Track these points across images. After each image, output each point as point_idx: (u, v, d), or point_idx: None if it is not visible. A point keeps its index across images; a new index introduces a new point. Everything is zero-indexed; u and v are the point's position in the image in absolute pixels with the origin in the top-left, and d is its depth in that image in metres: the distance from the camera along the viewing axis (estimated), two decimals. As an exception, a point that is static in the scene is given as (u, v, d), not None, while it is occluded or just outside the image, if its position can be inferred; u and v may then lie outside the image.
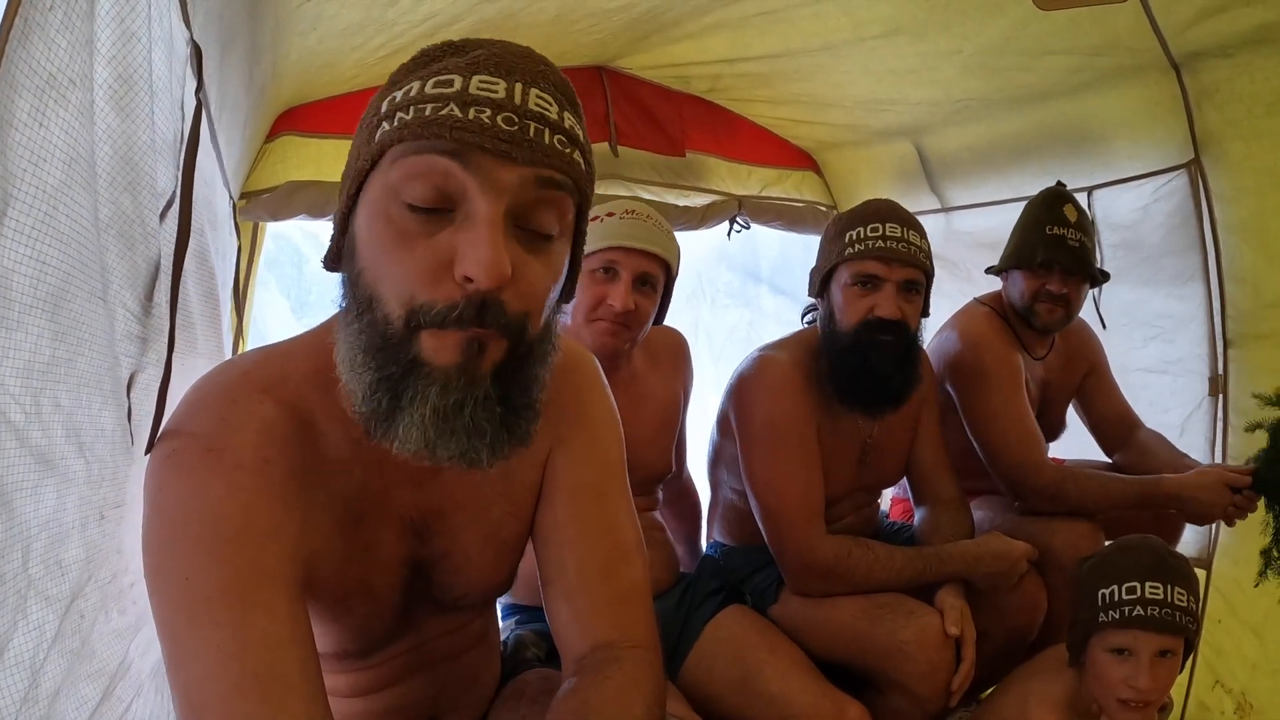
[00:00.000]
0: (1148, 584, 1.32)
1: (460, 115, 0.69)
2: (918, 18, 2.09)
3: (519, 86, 0.72)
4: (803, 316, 1.90)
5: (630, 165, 2.73)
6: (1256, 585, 1.75)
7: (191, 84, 1.06)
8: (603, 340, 1.52)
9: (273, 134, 2.13)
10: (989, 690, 1.99)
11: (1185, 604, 1.32)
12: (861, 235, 1.60)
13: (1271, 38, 1.81)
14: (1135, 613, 1.31)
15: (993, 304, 2.07)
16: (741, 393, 1.72)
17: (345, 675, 0.94)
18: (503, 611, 1.65)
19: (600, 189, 2.69)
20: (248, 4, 1.39)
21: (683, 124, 2.84)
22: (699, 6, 2.15)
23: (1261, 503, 1.78)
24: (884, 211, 1.64)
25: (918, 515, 1.88)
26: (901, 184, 2.94)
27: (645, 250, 1.51)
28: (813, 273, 1.76)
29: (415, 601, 0.91)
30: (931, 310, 1.72)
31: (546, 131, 0.72)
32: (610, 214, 1.55)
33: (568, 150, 0.73)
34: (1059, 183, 2.07)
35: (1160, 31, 1.90)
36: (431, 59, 0.75)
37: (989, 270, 2.11)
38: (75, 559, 0.75)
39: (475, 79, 0.71)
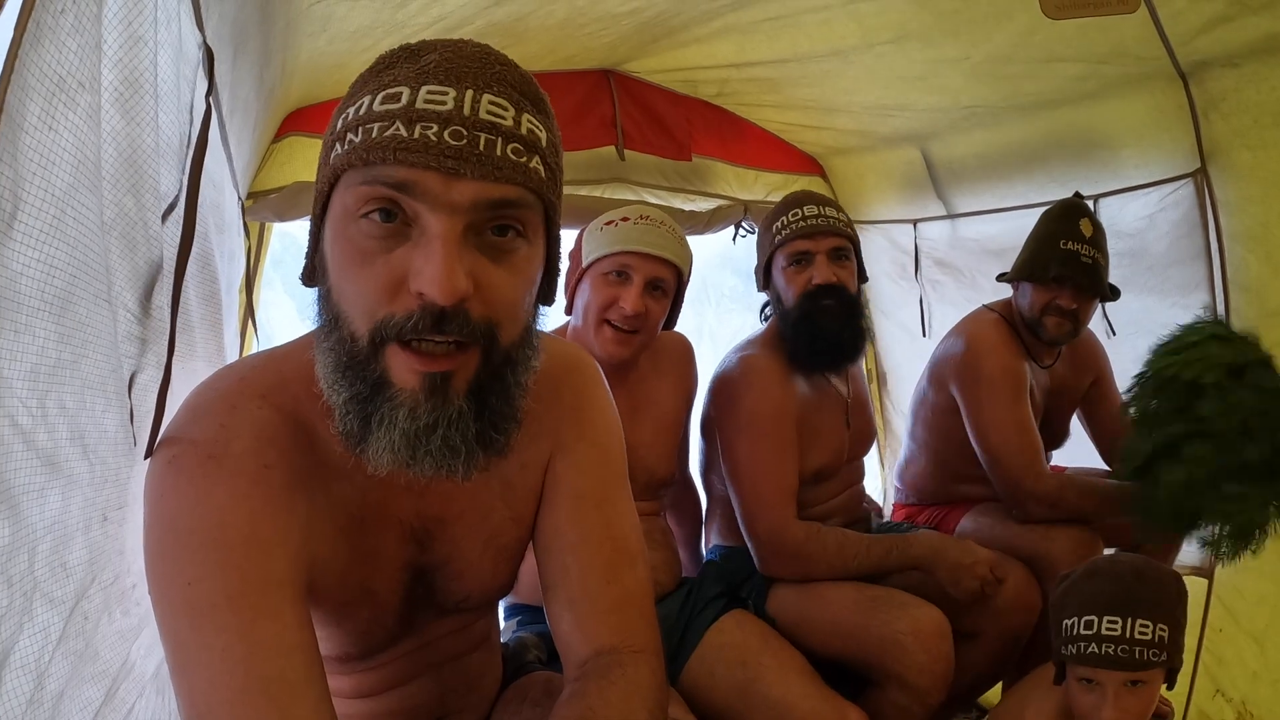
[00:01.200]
0: (1105, 619, 1.28)
1: (405, 135, 0.68)
2: (926, 24, 2.09)
3: (470, 94, 0.70)
4: (760, 314, 1.99)
5: (637, 169, 2.73)
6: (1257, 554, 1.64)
7: (202, 87, 1.06)
8: (609, 350, 1.55)
9: (280, 134, 2.13)
10: (985, 694, 2.00)
11: (1148, 637, 1.26)
12: (786, 222, 1.79)
13: (1279, 48, 1.80)
14: (1091, 650, 1.28)
15: (1002, 311, 2.07)
16: (725, 391, 1.80)
17: (349, 677, 0.94)
18: (505, 612, 1.66)
19: (607, 193, 2.70)
20: (260, 6, 1.39)
21: (689, 128, 2.84)
22: (707, 11, 2.15)
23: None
24: (801, 198, 1.83)
25: None
26: (908, 190, 2.93)
27: (658, 256, 1.54)
28: (756, 270, 1.92)
29: (417, 605, 0.92)
30: (936, 313, 1.73)
31: (499, 142, 0.70)
32: (625, 218, 1.57)
33: (523, 159, 0.71)
34: (1076, 193, 2.07)
35: (1168, 40, 1.90)
36: (386, 66, 0.74)
37: (1000, 278, 2.11)
38: (79, 561, 0.75)
39: (424, 90, 0.70)
